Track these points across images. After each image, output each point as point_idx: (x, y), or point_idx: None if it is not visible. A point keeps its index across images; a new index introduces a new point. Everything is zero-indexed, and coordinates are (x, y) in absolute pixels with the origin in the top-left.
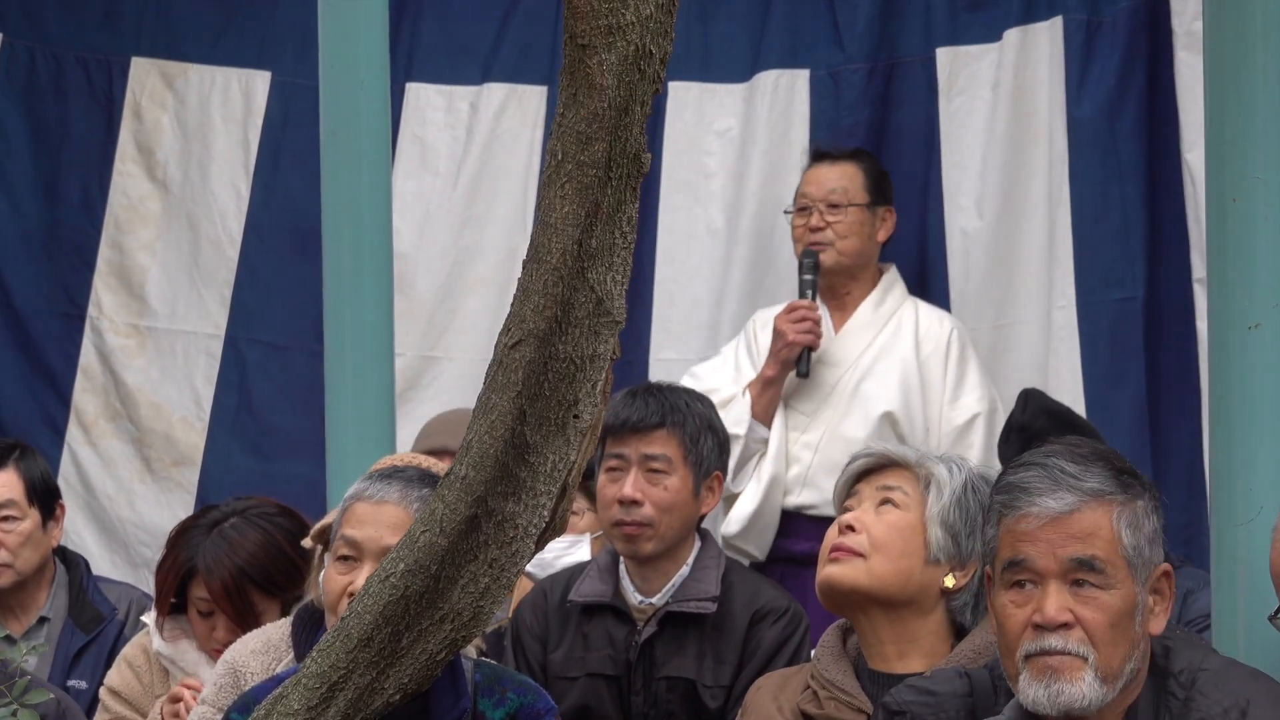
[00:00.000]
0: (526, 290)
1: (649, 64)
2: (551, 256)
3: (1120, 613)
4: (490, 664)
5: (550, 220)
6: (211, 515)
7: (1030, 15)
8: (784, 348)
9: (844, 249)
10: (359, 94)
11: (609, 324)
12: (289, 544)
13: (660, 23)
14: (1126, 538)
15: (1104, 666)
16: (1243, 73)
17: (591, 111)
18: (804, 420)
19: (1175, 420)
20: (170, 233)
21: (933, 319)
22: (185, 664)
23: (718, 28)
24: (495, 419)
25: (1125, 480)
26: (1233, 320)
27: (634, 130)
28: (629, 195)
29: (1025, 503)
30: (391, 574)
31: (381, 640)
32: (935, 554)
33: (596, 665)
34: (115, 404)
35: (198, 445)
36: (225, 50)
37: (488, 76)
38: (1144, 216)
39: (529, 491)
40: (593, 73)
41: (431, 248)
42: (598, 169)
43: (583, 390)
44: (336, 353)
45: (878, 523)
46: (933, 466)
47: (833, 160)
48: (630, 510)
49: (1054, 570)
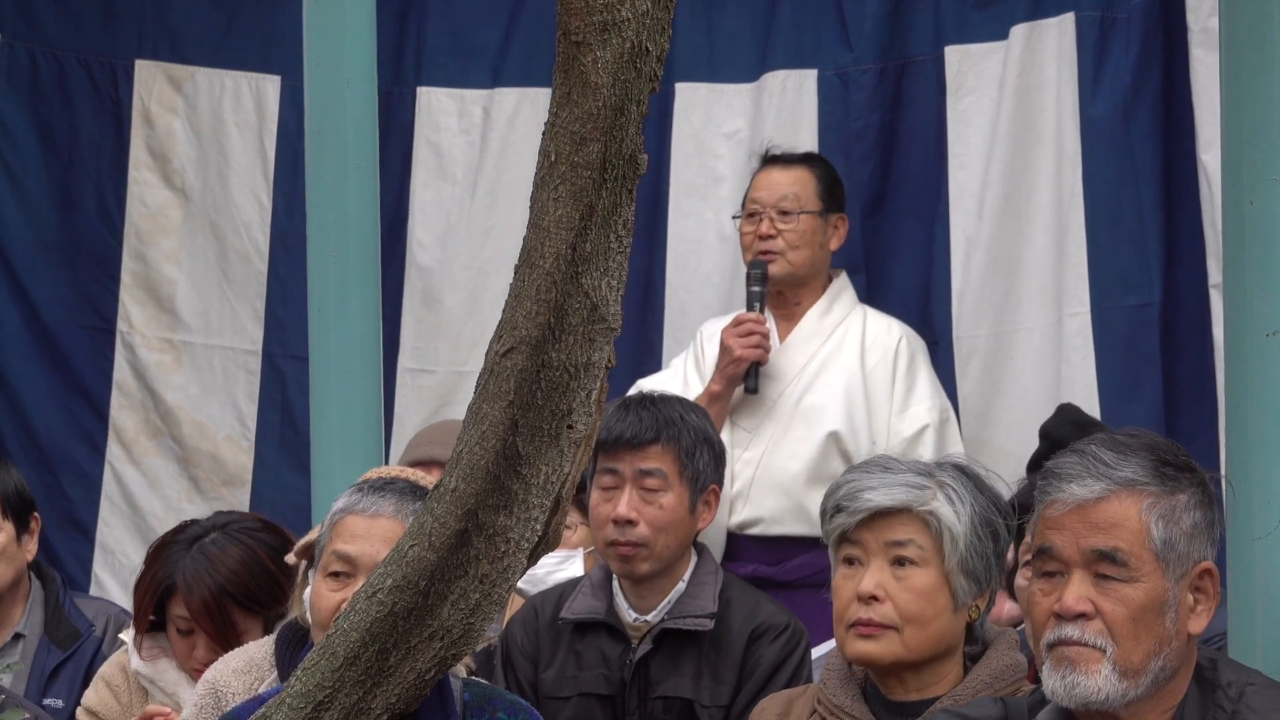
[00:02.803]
0: (518, 296)
1: (645, 62)
2: (544, 261)
3: (1143, 607)
4: (480, 683)
5: (543, 223)
6: (192, 530)
7: (1039, 11)
8: (731, 363)
9: (794, 259)
10: (345, 93)
11: (604, 331)
12: (271, 560)
13: (657, 19)
14: (1157, 531)
15: (1123, 661)
16: (1260, 71)
17: (586, 111)
18: (746, 436)
19: (1192, 430)
20: (195, 243)
21: (880, 326)
22: (165, 684)
23: (723, 26)
24: (486, 429)
25: (1166, 472)
26: (1250, 327)
27: (630, 130)
28: (625, 198)
29: (1056, 489)
30: (379, 590)
31: (368, 658)
32: (963, 600)
33: (590, 685)
34: (156, 421)
35: (246, 465)
36: (231, 53)
37: (499, 80)
38: (1159, 220)
39: (521, 504)
40: (587, 71)
41: (455, 260)
42: (592, 170)
43: (577, 400)
44: (322, 363)
45: (901, 591)
46: (938, 509)
47: (785, 165)
48: (625, 530)
49: (1077, 559)
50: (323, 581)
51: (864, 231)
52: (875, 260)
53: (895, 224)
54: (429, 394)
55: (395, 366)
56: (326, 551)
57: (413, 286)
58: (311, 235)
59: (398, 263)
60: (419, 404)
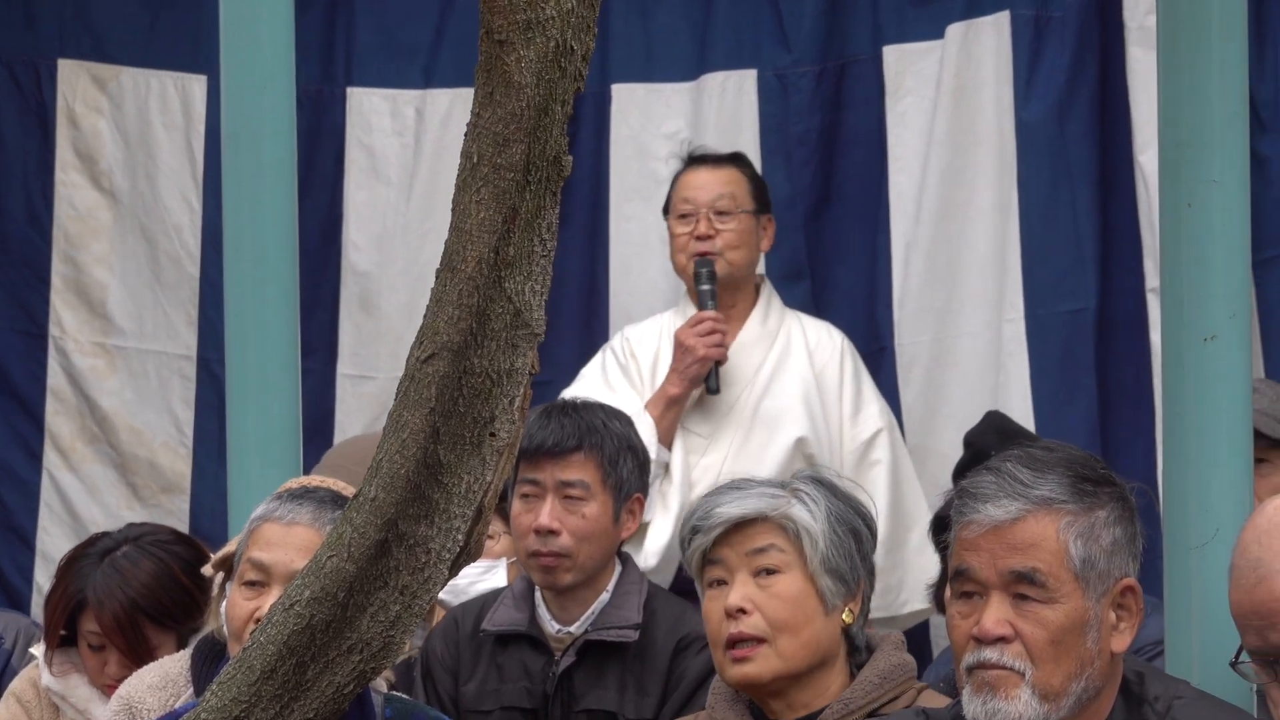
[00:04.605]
0: (440, 301)
1: (570, 61)
2: (466, 265)
3: (1063, 628)
4: (401, 698)
5: (465, 226)
6: (103, 543)
7: (975, 10)
8: (694, 364)
9: (734, 260)
10: (262, 94)
11: (527, 336)
12: (185, 573)
13: (582, 17)
14: (1075, 549)
15: (1043, 684)
16: (1198, 70)
17: (509, 112)
18: (702, 442)
19: (1129, 437)
20: (125, 245)
21: (821, 331)
22: (76, 700)
23: (659, 24)
24: (407, 437)
25: (1084, 488)
26: (1188, 332)
27: (554, 131)
28: (549, 200)
29: (972, 510)
30: (296, 602)
31: (285, 672)
32: (832, 601)
33: (512, 698)
34: (92, 427)
35: (184, 473)
36: (157, 52)
37: (431, 81)
38: (1095, 223)
39: (442, 514)
40: (510, 70)
41: (392, 265)
42: (516, 173)
43: (499, 407)
44: (239, 370)
45: (768, 599)
46: (791, 511)
47: (714, 165)
48: (547, 540)
49: (995, 581)
50: (238, 590)
51: (808, 236)
52: (820, 266)
53: (839, 229)
54: (370, 400)
55: (335, 373)
56: (243, 559)
57: (349, 292)
58: (228, 239)
59: (333, 267)
60: (360, 411)
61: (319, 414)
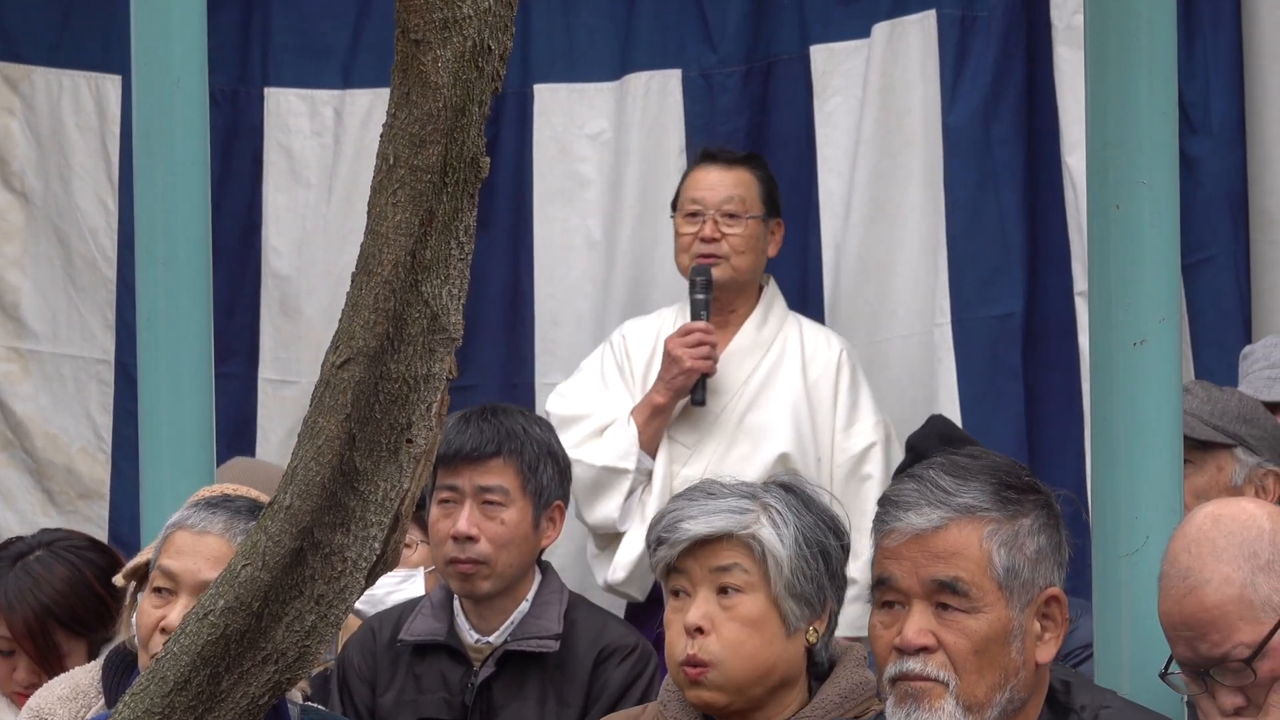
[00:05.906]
0: (355, 305)
1: (488, 61)
2: (382, 268)
3: (987, 638)
4: (317, 709)
5: (380, 229)
6: (15, 548)
7: (900, 8)
8: (680, 375)
9: (739, 265)
10: (174, 94)
11: (444, 341)
12: (99, 581)
13: (500, 16)
14: (999, 559)
15: (966, 694)
16: (1127, 70)
17: (425, 112)
18: (685, 452)
19: (1058, 442)
20: (39, 248)
21: (819, 339)
22: None
23: (581, 23)
24: (322, 444)
25: (1008, 496)
26: (1116, 336)
27: (471, 132)
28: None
29: (893, 518)
30: (210, 611)
31: (199, 683)
32: (795, 624)
33: (430, 709)
34: (6, 432)
35: (103, 479)
36: (69, 52)
37: (350, 81)
38: (1023, 226)
39: (359, 522)
40: (426, 70)
41: (313, 268)
42: (432, 174)
43: (416, 413)
44: (152, 376)
45: (727, 621)
46: (759, 532)
47: (726, 165)
48: (465, 547)
49: (917, 590)
50: (147, 598)
51: None
52: None
53: None
54: (292, 405)
55: (256, 377)
56: (155, 567)
57: (270, 295)
58: (140, 240)
59: (253, 270)
60: (281, 415)
61: (240, 419)
